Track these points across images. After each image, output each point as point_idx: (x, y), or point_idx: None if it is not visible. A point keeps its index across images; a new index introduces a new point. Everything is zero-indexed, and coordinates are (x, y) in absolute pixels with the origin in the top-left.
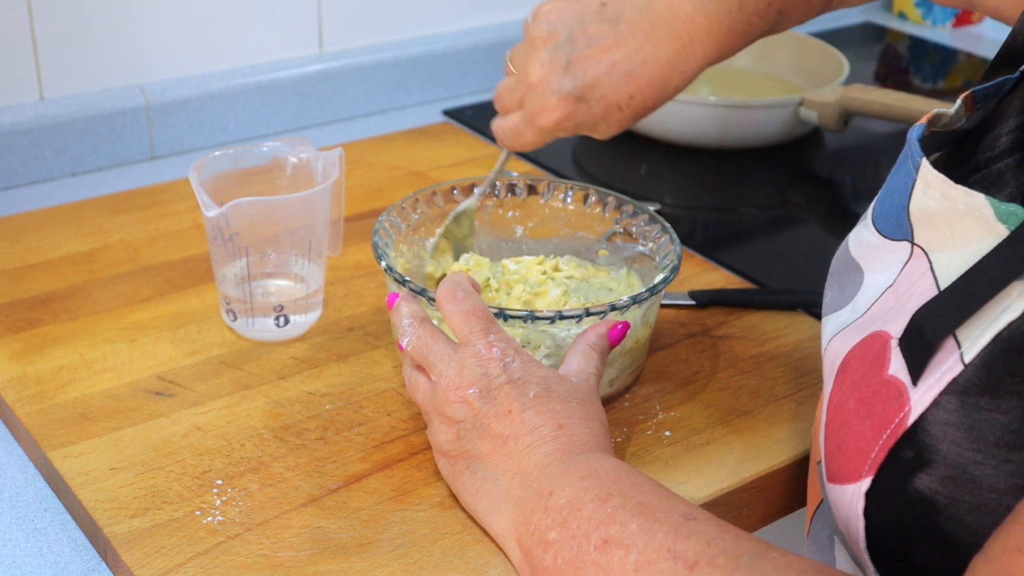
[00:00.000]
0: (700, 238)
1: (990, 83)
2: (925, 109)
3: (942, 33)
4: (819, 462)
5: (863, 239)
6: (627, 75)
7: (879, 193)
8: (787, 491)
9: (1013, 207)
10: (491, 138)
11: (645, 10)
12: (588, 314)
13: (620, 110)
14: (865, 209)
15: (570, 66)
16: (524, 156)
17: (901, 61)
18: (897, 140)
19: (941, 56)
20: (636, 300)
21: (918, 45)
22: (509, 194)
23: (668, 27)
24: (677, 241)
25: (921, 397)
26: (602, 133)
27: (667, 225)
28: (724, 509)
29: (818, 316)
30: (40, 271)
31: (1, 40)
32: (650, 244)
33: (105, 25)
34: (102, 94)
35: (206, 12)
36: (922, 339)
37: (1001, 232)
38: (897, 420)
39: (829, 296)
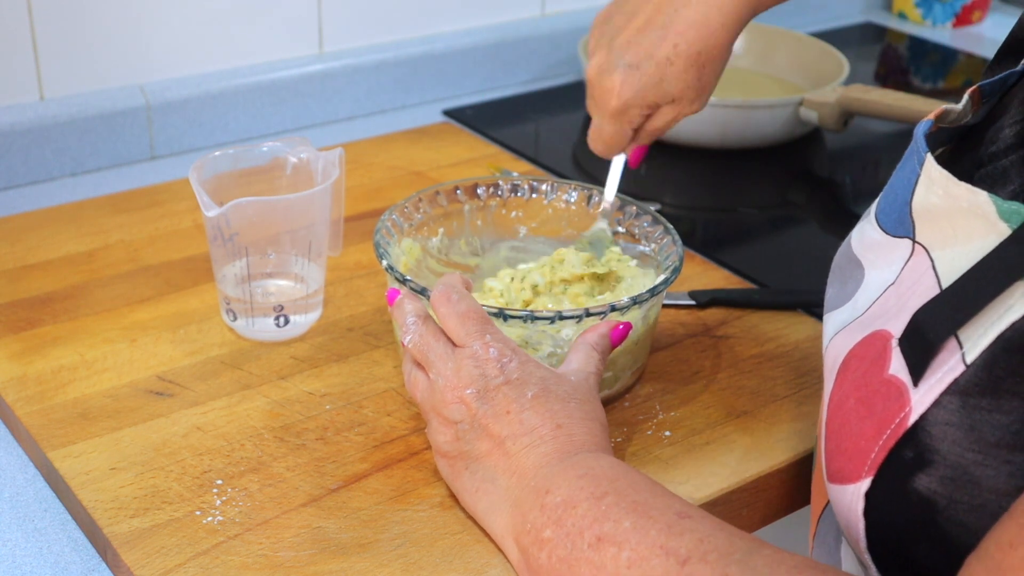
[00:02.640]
0: (700, 238)
1: (996, 77)
2: (925, 109)
3: (942, 33)
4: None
5: (866, 235)
6: (663, 27)
7: (884, 189)
8: (787, 491)
9: (1016, 205)
10: (491, 138)
11: None
12: (588, 314)
13: (671, 62)
14: (865, 209)
15: (613, 43)
16: (525, 156)
17: (901, 61)
18: (897, 140)
19: (941, 56)
20: (637, 301)
21: (918, 45)
22: (512, 194)
23: None
24: (679, 242)
25: (922, 397)
26: (672, 96)
27: (669, 226)
28: (724, 509)
29: (818, 316)
30: (40, 271)
31: (1, 40)
32: (652, 245)
33: (105, 25)
34: (102, 94)
35: (206, 12)
36: (923, 339)
37: (1003, 231)
38: (897, 420)
39: (830, 293)
